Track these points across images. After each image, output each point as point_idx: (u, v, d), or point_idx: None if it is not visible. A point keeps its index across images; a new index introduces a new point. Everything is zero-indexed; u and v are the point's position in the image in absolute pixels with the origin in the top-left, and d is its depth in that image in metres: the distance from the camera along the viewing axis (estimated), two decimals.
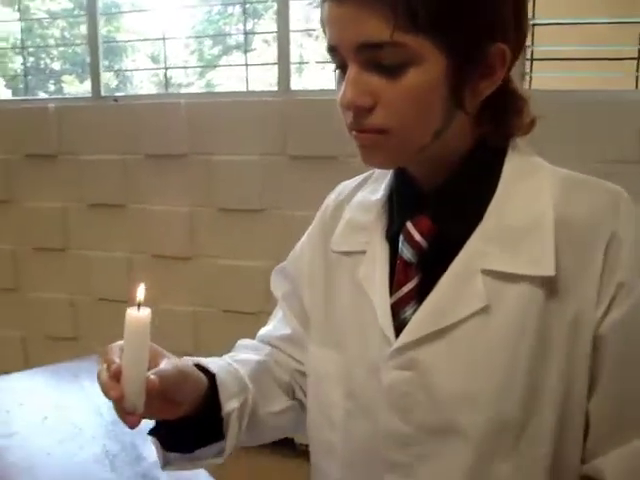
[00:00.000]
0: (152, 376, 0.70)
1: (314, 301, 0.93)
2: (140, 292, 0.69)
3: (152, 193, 3.12)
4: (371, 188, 0.91)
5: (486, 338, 0.74)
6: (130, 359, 0.66)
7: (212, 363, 0.87)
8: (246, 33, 3.46)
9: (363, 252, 0.86)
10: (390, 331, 0.79)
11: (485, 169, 0.80)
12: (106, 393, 0.70)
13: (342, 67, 0.75)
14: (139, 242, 3.18)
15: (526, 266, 0.74)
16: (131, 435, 1.45)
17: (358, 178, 0.97)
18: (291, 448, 2.61)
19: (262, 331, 1.03)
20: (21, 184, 3.41)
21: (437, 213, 0.80)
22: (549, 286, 0.73)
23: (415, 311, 0.78)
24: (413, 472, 0.78)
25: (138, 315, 0.67)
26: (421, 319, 0.78)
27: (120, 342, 0.72)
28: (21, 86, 4.00)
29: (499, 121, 0.80)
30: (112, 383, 0.69)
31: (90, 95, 3.28)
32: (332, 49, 0.74)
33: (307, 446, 0.93)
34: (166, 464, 0.86)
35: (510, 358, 0.73)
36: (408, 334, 0.78)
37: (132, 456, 1.39)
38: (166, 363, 0.76)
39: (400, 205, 0.84)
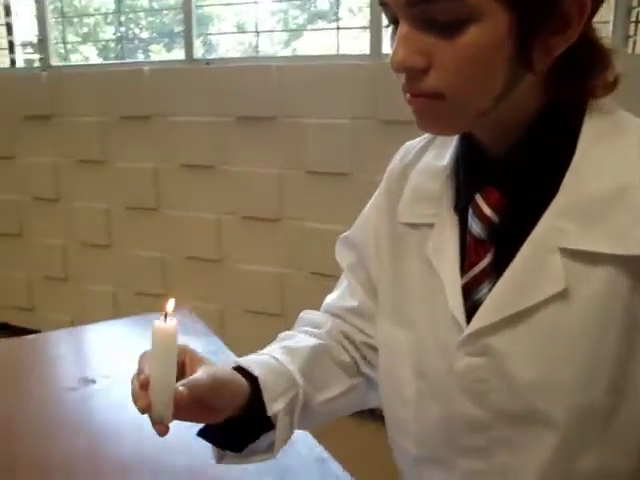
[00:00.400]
0: (180, 388, 0.69)
1: (381, 273, 0.88)
2: (170, 305, 0.69)
3: (242, 155, 3.17)
4: (436, 152, 0.85)
5: (567, 323, 0.68)
6: (157, 370, 0.66)
7: (256, 364, 0.83)
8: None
9: (431, 225, 0.80)
10: (461, 316, 0.74)
11: (560, 133, 0.72)
12: (134, 402, 0.70)
13: (394, 24, 0.69)
14: (228, 203, 3.24)
15: (610, 244, 0.66)
16: None
17: (423, 139, 0.90)
18: (369, 411, 2.63)
19: (328, 299, 1.00)
20: (115, 145, 3.52)
21: (507, 184, 0.73)
22: (638, 265, 0.65)
23: (488, 292, 0.73)
24: (490, 456, 0.74)
25: (164, 326, 0.66)
26: (494, 303, 0.71)
27: None
28: (112, 55, 4.12)
29: (575, 80, 0.70)
30: (141, 392, 0.69)
31: (183, 58, 3.35)
32: (383, 3, 0.68)
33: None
34: (220, 459, 0.85)
35: (595, 345, 0.67)
36: (481, 319, 0.72)
37: None
38: (201, 372, 0.74)
39: (467, 174, 0.78)
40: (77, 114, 3.60)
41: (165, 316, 0.66)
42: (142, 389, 0.68)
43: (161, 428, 0.69)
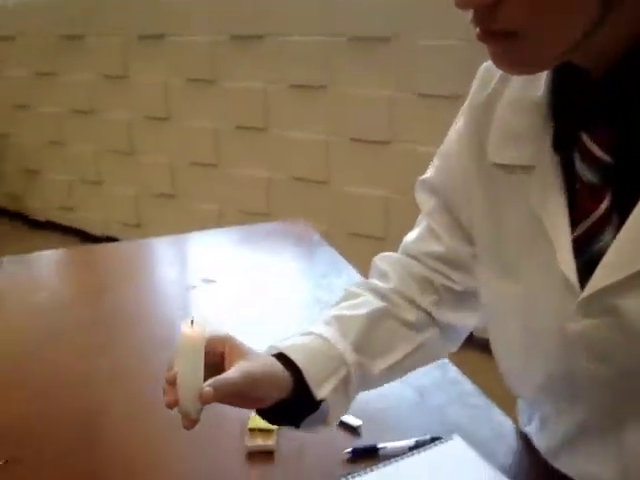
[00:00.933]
0: (206, 388, 0.67)
1: (476, 219, 0.81)
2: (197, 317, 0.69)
3: (352, 76, 3.12)
4: (523, 81, 0.72)
5: None
6: (184, 371, 0.67)
7: (298, 351, 0.78)
8: None
9: (529, 168, 0.71)
10: (573, 276, 0.66)
11: None
12: (164, 396, 0.70)
13: None
14: (337, 124, 3.21)
15: None
16: (343, 286, 1.51)
17: None
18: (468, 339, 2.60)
19: (408, 239, 0.93)
20: (225, 64, 3.54)
21: (619, 117, 0.62)
22: None
23: (605, 245, 0.64)
24: (613, 411, 0.70)
25: (191, 332, 0.67)
26: (618, 257, 0.62)
27: None
28: None
29: None
30: (169, 388, 0.69)
31: None
32: None
33: (487, 340, 0.86)
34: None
35: None
36: (603, 277, 0.63)
37: None
38: (235, 369, 0.70)
39: (567, 108, 0.67)
40: (189, 33, 3.62)
41: (192, 322, 0.68)
42: (170, 385, 0.69)
43: (188, 423, 0.69)
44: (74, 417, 1.09)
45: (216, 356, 0.73)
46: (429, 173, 0.90)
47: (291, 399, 0.75)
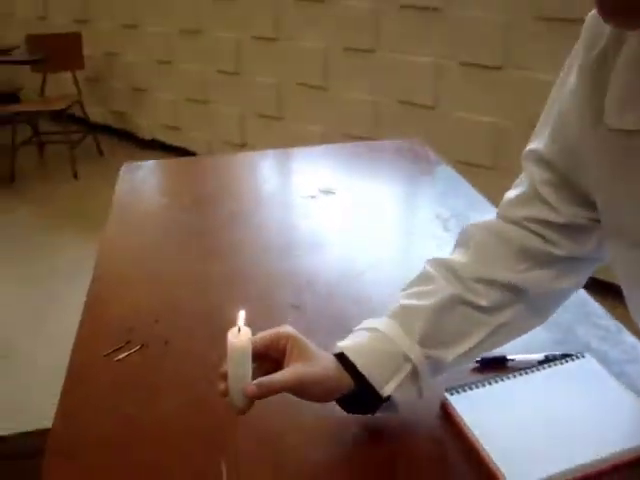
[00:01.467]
0: (252, 386, 0.72)
1: (597, 188, 0.75)
2: (241, 316, 0.73)
3: (466, 0, 3.00)
4: None
5: None
6: (232, 372, 0.73)
7: (359, 352, 0.80)
8: None
9: None
10: None
11: None
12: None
13: None
14: (448, 48, 3.11)
15: None
16: (462, 205, 1.48)
17: None
18: None
19: (508, 202, 0.87)
20: None
21: None
22: None
23: None
24: None
25: (237, 341, 0.71)
26: None
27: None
28: None
29: None
30: (220, 380, 0.75)
31: None
32: None
33: None
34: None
35: None
36: None
37: (462, 221, 1.42)
38: (287, 371, 0.75)
39: None
40: None
41: (238, 329, 0.72)
42: (222, 379, 0.75)
43: (237, 412, 0.75)
44: (198, 311, 1.14)
45: (278, 352, 0.77)
46: (539, 143, 0.82)
47: (357, 395, 0.79)
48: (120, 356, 1.02)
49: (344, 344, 0.81)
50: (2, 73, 5.57)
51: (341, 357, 0.80)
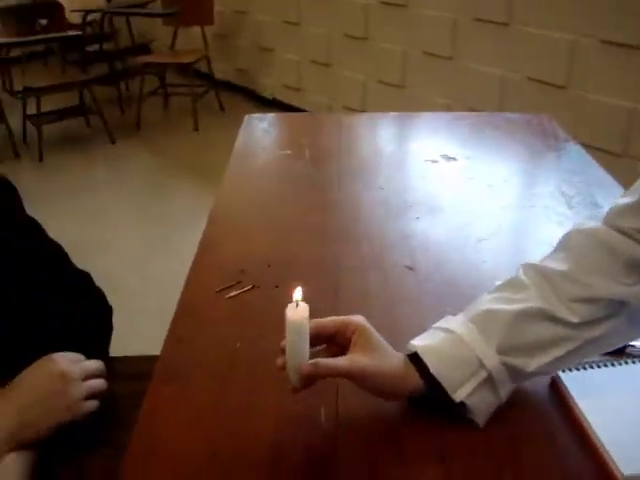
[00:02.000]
0: (307, 365, 0.73)
1: None
2: (298, 292, 0.73)
3: None
4: None
5: None
6: (290, 347, 0.74)
7: (432, 354, 0.77)
8: None
9: None
10: None
11: None
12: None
13: None
14: (586, 24, 2.95)
15: None
16: (589, 184, 1.41)
17: None
18: None
19: (618, 208, 0.81)
20: None
21: None
22: None
23: None
24: None
25: (293, 316, 0.72)
26: None
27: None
28: None
29: None
30: (281, 354, 0.76)
31: None
32: None
33: None
34: None
35: None
36: None
37: (587, 201, 1.35)
38: (347, 358, 0.76)
39: None
40: None
41: (296, 304, 0.73)
42: (282, 352, 0.75)
43: (292, 388, 0.76)
44: (311, 260, 1.14)
45: (344, 339, 0.78)
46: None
47: (429, 398, 0.77)
48: (231, 294, 1.04)
49: (418, 344, 0.79)
50: (136, 25, 5.76)
51: (414, 357, 0.78)
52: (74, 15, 5.24)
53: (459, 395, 0.75)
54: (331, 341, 0.79)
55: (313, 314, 0.72)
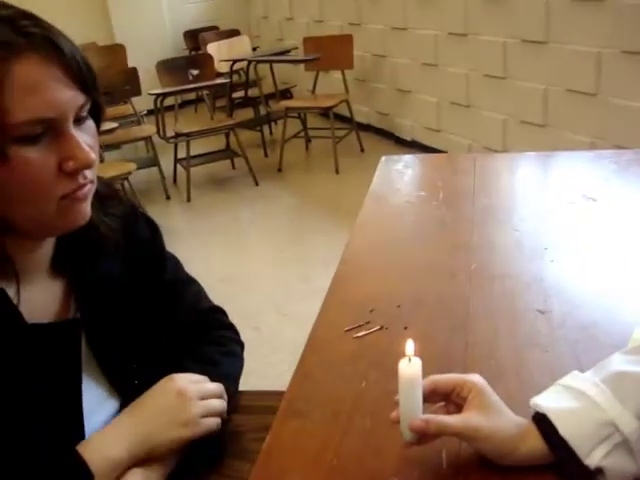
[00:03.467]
0: (419, 421, 0.73)
1: None
2: (410, 346, 0.74)
3: None
4: None
5: None
6: (403, 401, 0.74)
7: (560, 417, 0.73)
8: None
9: None
10: None
11: None
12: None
13: None
14: None
15: None
16: None
17: None
18: None
19: None
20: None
21: None
22: None
23: None
24: None
25: (406, 371, 0.73)
26: None
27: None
28: None
29: None
30: (395, 406, 0.76)
31: None
32: None
33: None
34: None
35: None
36: None
37: None
38: (461, 417, 0.74)
39: None
40: None
41: (409, 359, 0.73)
42: (397, 405, 0.76)
43: (406, 443, 0.76)
44: (441, 301, 1.13)
45: (460, 398, 0.76)
46: None
47: (558, 462, 0.73)
48: (360, 333, 1.05)
49: (545, 404, 0.75)
50: (280, 71, 6.01)
51: (538, 418, 0.75)
52: (222, 65, 5.55)
53: (592, 460, 0.71)
54: (447, 399, 0.78)
55: (441, 358, 0.72)
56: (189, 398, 0.90)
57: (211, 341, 1.04)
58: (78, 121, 0.73)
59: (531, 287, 1.16)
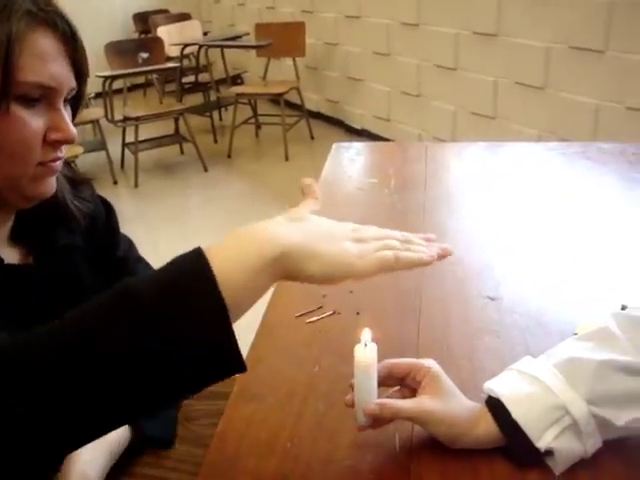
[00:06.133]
0: (373, 405, 0.73)
1: None
2: (366, 333, 0.74)
3: None
4: None
5: None
6: (357, 385, 0.74)
7: (513, 399, 0.74)
8: None
9: None
10: None
11: None
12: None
13: None
14: None
15: None
16: None
17: None
18: None
19: None
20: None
21: None
22: None
23: None
24: None
25: (361, 357, 0.73)
26: None
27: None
28: None
29: None
30: (350, 391, 0.76)
31: None
32: None
33: None
34: None
35: None
36: None
37: None
38: (414, 401, 0.75)
39: None
40: None
41: (365, 344, 0.74)
42: (351, 389, 0.76)
43: (358, 426, 0.76)
44: (394, 288, 1.13)
45: (415, 382, 0.77)
46: None
47: (509, 444, 0.75)
48: (312, 318, 1.04)
49: (498, 390, 0.76)
50: (230, 57, 5.95)
51: (491, 402, 0.76)
52: (173, 49, 5.46)
53: (543, 442, 0.72)
54: (402, 383, 0.79)
55: (394, 342, 0.72)
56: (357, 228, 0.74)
57: None
58: (63, 102, 0.79)
59: (482, 274, 1.17)
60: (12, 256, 0.86)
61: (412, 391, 0.78)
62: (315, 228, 0.70)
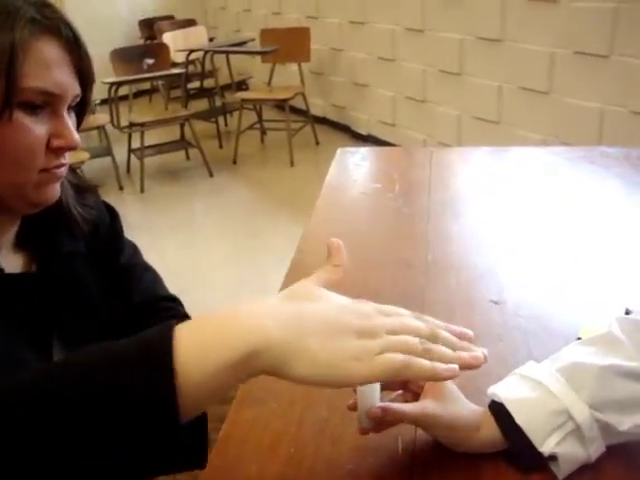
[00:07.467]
0: (376, 408, 0.71)
1: None
2: None
3: None
4: None
5: None
6: (361, 389, 0.73)
7: (517, 405, 0.74)
8: None
9: None
10: None
11: None
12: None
13: None
14: None
15: None
16: None
17: None
18: None
19: None
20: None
21: None
22: None
23: None
24: None
25: None
26: None
27: None
28: None
29: None
30: (353, 394, 0.74)
31: None
32: None
33: None
34: None
35: None
36: None
37: None
38: (417, 405, 0.73)
39: None
40: None
41: None
42: (354, 392, 0.74)
43: (360, 429, 0.74)
44: (394, 295, 1.13)
45: (418, 387, 0.76)
46: None
47: (511, 448, 0.74)
48: None
49: (502, 394, 0.76)
50: (236, 63, 5.97)
51: (494, 406, 0.76)
52: (178, 54, 5.48)
53: (546, 447, 0.72)
54: (405, 387, 0.78)
55: None
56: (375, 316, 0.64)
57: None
58: (67, 109, 0.79)
59: (486, 278, 1.17)
60: (16, 262, 0.86)
61: (415, 395, 0.77)
62: (317, 314, 0.59)
